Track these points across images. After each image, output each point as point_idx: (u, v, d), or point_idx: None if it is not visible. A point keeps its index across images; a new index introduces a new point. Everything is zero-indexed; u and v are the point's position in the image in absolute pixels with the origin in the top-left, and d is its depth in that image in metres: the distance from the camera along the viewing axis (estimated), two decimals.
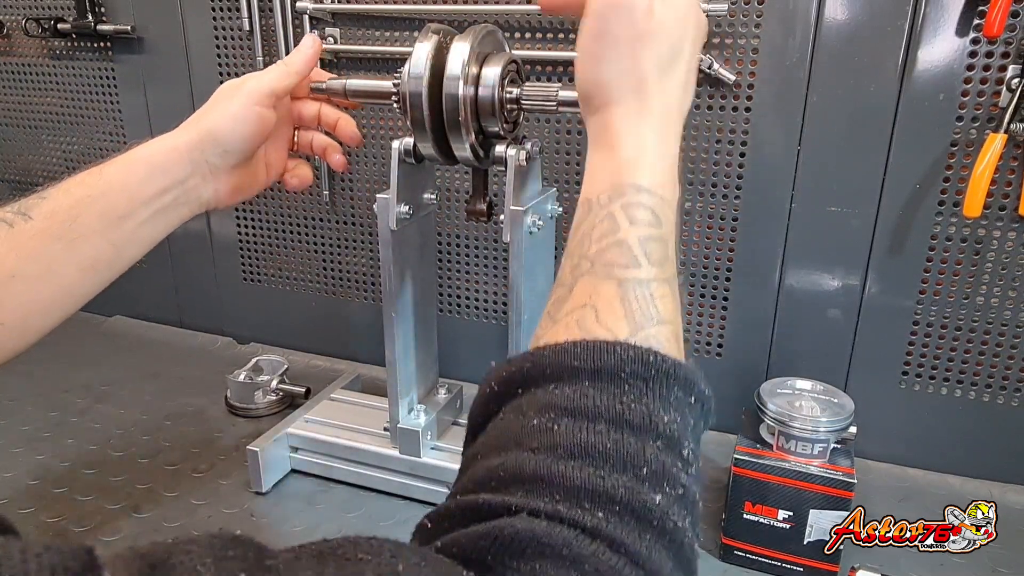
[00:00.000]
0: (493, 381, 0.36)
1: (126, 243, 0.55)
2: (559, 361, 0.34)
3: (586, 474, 0.30)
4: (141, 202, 0.55)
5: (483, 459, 0.33)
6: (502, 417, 0.34)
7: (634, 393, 0.32)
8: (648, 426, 0.31)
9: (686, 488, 0.31)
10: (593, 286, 0.37)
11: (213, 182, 0.59)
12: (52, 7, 1.03)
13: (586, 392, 0.32)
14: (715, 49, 0.75)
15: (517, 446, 0.32)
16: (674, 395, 0.33)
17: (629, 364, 0.33)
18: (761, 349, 0.84)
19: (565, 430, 0.31)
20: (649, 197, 0.40)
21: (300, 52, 0.61)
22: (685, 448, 0.32)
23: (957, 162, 0.72)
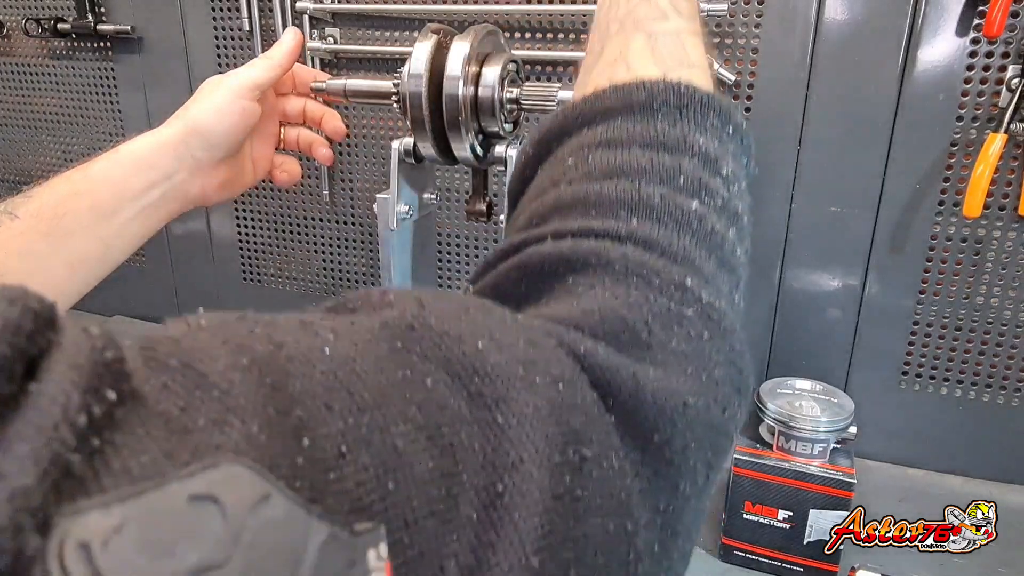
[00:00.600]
0: (527, 145, 0.35)
1: (114, 239, 0.55)
2: (590, 107, 0.33)
3: (621, 187, 0.29)
4: (128, 198, 0.55)
5: (524, 210, 0.32)
6: (540, 173, 0.34)
7: (668, 120, 0.32)
8: (683, 146, 0.31)
9: (726, 200, 0.31)
10: (624, 41, 0.37)
11: (200, 177, 0.59)
12: (52, 7, 1.03)
13: (619, 126, 0.32)
14: (715, 49, 0.75)
15: (554, 185, 0.31)
16: (711, 122, 0.32)
17: (661, 95, 0.32)
18: (761, 349, 0.84)
19: (598, 158, 0.31)
20: None
21: (282, 45, 0.61)
22: (725, 168, 0.32)
23: (957, 162, 0.72)
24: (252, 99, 0.59)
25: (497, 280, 0.29)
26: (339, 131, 0.67)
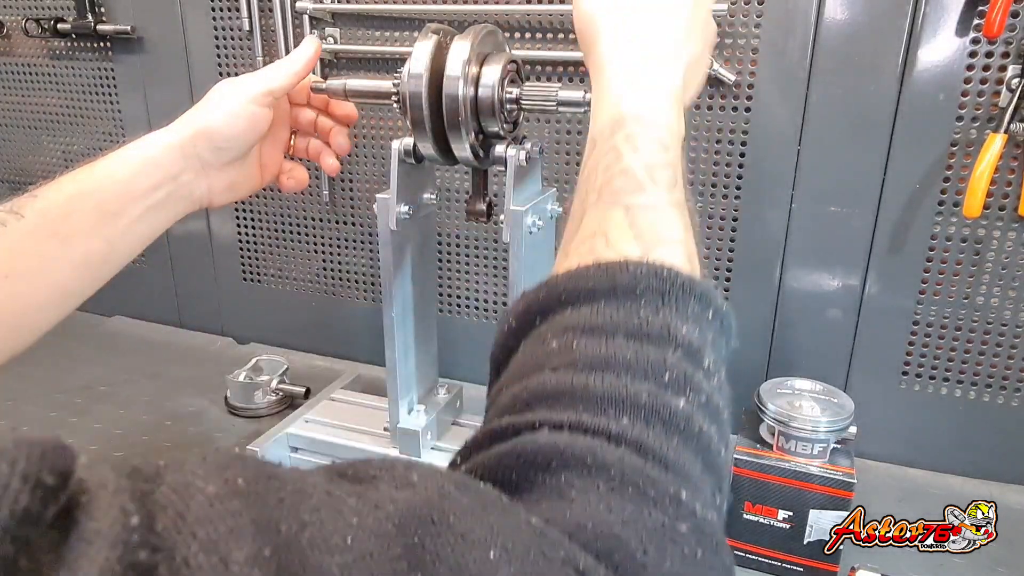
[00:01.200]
0: (511, 317, 0.36)
1: (120, 239, 0.55)
2: (573, 285, 0.33)
3: (608, 383, 0.29)
4: (133, 198, 0.55)
5: (506, 390, 0.33)
6: (522, 350, 0.34)
7: (651, 307, 0.32)
8: (667, 337, 0.31)
9: (709, 396, 0.31)
10: (602, 214, 0.37)
11: (206, 179, 0.59)
12: (52, 7, 1.03)
13: (603, 310, 0.32)
14: (715, 49, 0.75)
15: (538, 369, 0.31)
16: (691, 308, 0.33)
17: (644, 280, 0.32)
18: (761, 349, 0.84)
19: (585, 346, 0.31)
20: (650, 127, 0.40)
21: (300, 53, 0.60)
22: (706, 359, 0.32)
23: (957, 162, 0.72)
24: (265, 105, 0.59)
25: (489, 464, 0.29)
26: (343, 147, 0.68)
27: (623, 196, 0.37)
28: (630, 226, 0.36)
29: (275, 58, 0.92)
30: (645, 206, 0.37)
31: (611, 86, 0.42)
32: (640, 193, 0.37)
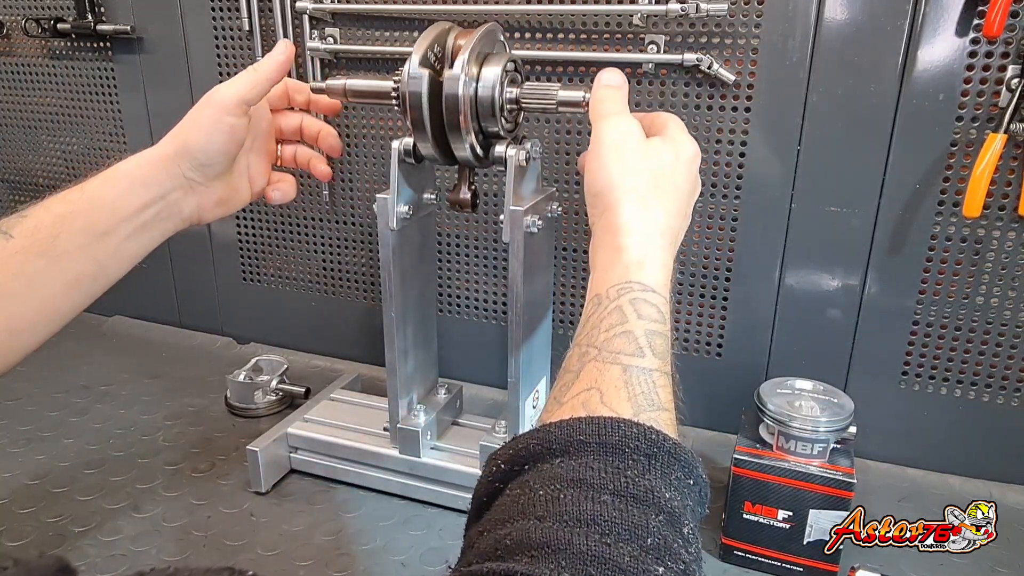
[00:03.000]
0: (500, 459, 0.36)
1: (109, 259, 0.55)
2: (565, 436, 0.34)
3: (592, 541, 0.30)
4: (123, 217, 0.55)
5: (488, 533, 0.33)
6: (508, 493, 0.35)
7: (638, 468, 0.33)
8: (651, 500, 0.32)
9: (687, 565, 0.31)
10: (599, 371, 0.39)
11: (194, 196, 0.59)
12: (52, 7, 1.03)
13: (591, 464, 0.33)
14: (715, 49, 0.75)
15: (523, 516, 0.32)
16: (675, 474, 0.34)
17: (633, 440, 0.33)
18: (761, 349, 0.84)
19: (571, 500, 0.31)
20: (654, 296, 0.43)
21: (271, 58, 0.59)
22: (685, 526, 0.33)
23: (957, 162, 0.72)
24: (240, 115, 0.58)
25: None
26: (335, 148, 0.67)
27: (623, 357, 0.39)
28: (625, 386, 0.38)
29: None
30: (641, 369, 0.39)
31: (625, 252, 0.45)
32: (639, 357, 0.39)
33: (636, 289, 0.43)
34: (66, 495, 0.76)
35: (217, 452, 0.83)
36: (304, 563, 0.67)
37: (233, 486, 0.77)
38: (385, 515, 0.74)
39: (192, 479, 0.79)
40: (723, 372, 0.86)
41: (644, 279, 0.44)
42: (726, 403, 0.85)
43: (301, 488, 0.78)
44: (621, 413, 0.36)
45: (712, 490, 0.77)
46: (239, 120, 0.58)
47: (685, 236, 0.81)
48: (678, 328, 0.86)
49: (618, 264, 0.45)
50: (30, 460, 0.82)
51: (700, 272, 0.84)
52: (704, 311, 0.85)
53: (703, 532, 0.71)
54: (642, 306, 0.42)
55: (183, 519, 0.72)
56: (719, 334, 0.85)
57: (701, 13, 0.72)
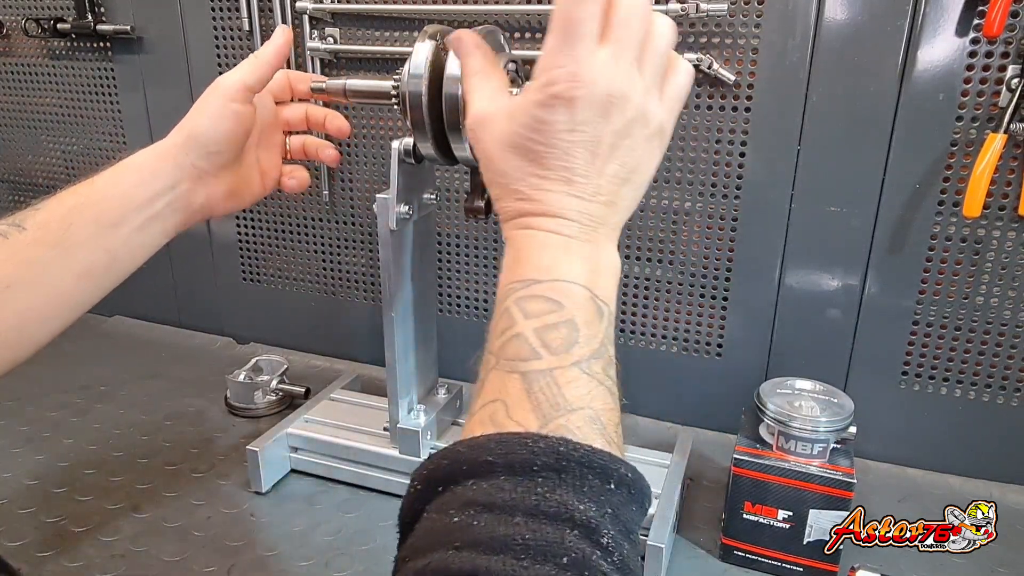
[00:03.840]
0: (416, 481, 0.36)
1: (120, 250, 0.55)
2: (474, 457, 0.34)
3: (509, 566, 0.29)
4: (133, 208, 0.55)
5: (410, 561, 0.32)
6: (427, 517, 0.34)
7: (548, 485, 0.32)
8: (564, 515, 0.31)
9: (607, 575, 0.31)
10: (500, 380, 0.37)
11: (204, 187, 0.59)
12: (52, 7, 1.03)
13: (502, 486, 0.32)
14: (715, 49, 0.75)
15: (441, 545, 0.31)
16: (588, 484, 0.33)
17: (541, 456, 0.33)
18: (761, 349, 0.84)
19: (485, 525, 0.31)
20: (539, 286, 0.39)
21: (270, 43, 0.60)
22: (604, 537, 0.32)
23: (957, 162, 0.72)
24: (245, 102, 0.58)
25: None
26: (343, 129, 0.67)
27: (519, 364, 0.37)
28: (527, 395, 0.36)
29: None
30: (540, 372, 0.36)
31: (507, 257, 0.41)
32: (535, 360, 0.37)
33: (518, 287, 0.39)
34: (66, 495, 0.76)
35: (217, 452, 0.83)
36: (304, 563, 0.67)
37: (233, 486, 0.77)
38: (385, 515, 0.74)
39: (192, 479, 0.79)
40: (723, 372, 0.86)
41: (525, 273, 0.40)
42: (726, 403, 0.85)
43: (301, 488, 0.78)
44: (528, 426, 0.35)
45: (712, 490, 0.78)
46: (244, 107, 0.58)
47: (685, 238, 0.82)
48: (678, 328, 0.86)
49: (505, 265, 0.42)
50: (30, 460, 0.82)
51: (700, 272, 0.84)
52: (704, 311, 0.85)
53: (703, 531, 0.71)
54: (527, 303, 0.39)
55: (183, 519, 0.72)
56: (719, 334, 0.85)
57: (701, 13, 0.72)
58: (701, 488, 0.78)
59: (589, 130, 0.40)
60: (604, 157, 0.41)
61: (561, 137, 0.40)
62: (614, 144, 0.41)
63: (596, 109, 0.39)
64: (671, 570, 0.67)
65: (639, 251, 0.85)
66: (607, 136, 0.40)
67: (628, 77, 0.40)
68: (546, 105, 0.39)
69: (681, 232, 0.83)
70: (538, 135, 0.40)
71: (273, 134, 0.66)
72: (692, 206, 0.82)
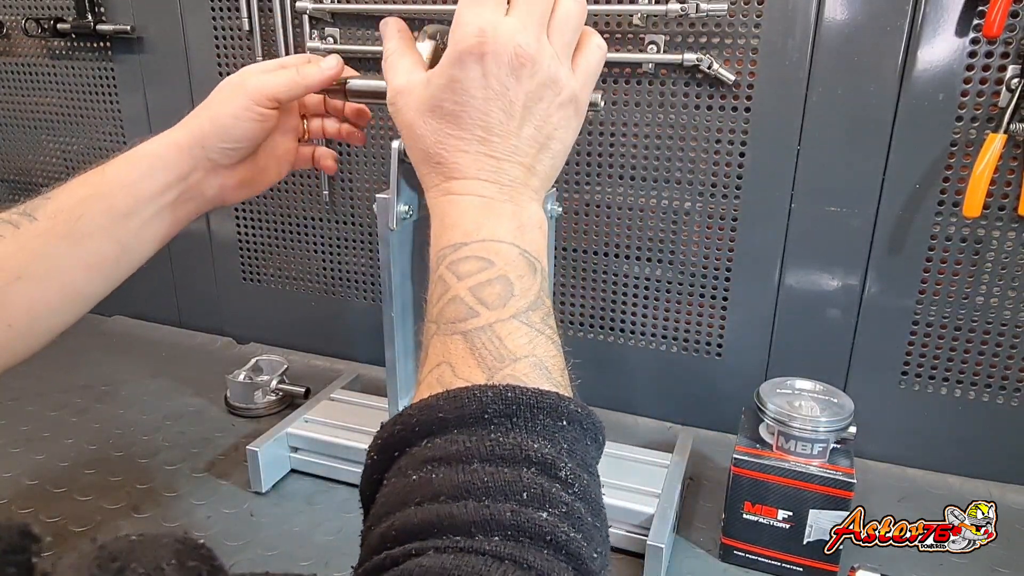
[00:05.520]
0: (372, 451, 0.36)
1: (132, 241, 0.55)
2: (425, 417, 0.34)
3: (471, 508, 0.30)
4: (144, 199, 0.55)
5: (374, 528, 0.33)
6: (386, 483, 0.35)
7: (501, 430, 0.33)
8: (519, 456, 0.32)
9: (569, 506, 0.32)
10: (443, 344, 0.38)
11: (217, 178, 0.59)
12: (52, 7, 1.03)
13: (455, 439, 0.33)
14: (715, 49, 0.75)
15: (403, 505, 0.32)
16: (540, 424, 0.34)
17: (491, 404, 0.34)
18: (761, 349, 0.84)
19: (442, 477, 0.32)
20: (468, 247, 0.40)
21: (320, 69, 0.58)
22: (562, 471, 0.33)
23: (957, 162, 0.72)
24: (270, 107, 0.57)
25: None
26: (364, 113, 0.66)
27: (458, 324, 0.38)
28: (471, 352, 0.37)
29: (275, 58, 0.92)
30: (480, 329, 0.38)
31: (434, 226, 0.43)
32: (473, 318, 0.38)
33: (447, 253, 0.41)
34: (66, 495, 0.76)
35: (217, 452, 0.83)
36: (304, 563, 0.67)
37: (233, 486, 0.77)
38: None
39: (192, 479, 0.79)
40: (723, 372, 0.86)
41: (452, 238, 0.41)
42: (726, 403, 0.85)
43: (301, 488, 0.78)
44: (475, 380, 0.36)
45: (712, 490, 0.77)
46: (269, 112, 0.57)
47: (685, 238, 0.82)
48: (678, 328, 0.86)
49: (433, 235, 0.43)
50: (30, 460, 0.82)
51: (700, 272, 0.84)
52: (704, 311, 0.85)
53: (703, 531, 0.71)
54: (459, 265, 0.40)
55: (183, 519, 0.72)
56: (719, 334, 0.85)
57: (701, 13, 0.72)
58: (701, 488, 0.78)
59: (500, 87, 0.41)
60: (519, 117, 0.42)
61: (474, 93, 0.41)
62: (527, 106, 0.42)
63: (505, 67, 0.41)
64: (671, 570, 0.67)
65: (639, 251, 0.85)
66: (519, 96, 0.41)
67: (537, 41, 0.42)
68: (458, 62, 0.41)
69: (681, 232, 0.83)
70: (452, 93, 0.42)
71: (289, 119, 0.64)
72: (692, 206, 0.82)
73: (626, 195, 0.83)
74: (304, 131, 0.66)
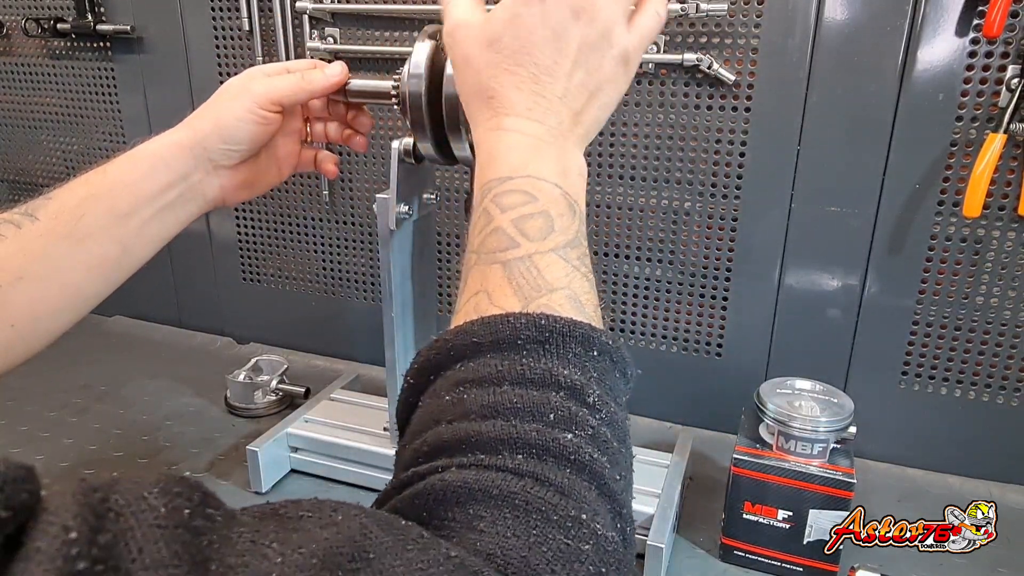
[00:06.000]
0: (408, 376, 0.38)
1: (133, 241, 0.55)
2: (460, 341, 0.36)
3: (498, 427, 0.32)
4: (145, 199, 0.55)
5: (408, 446, 0.35)
6: (421, 406, 0.36)
7: (532, 356, 0.34)
8: (549, 380, 0.34)
9: (595, 429, 0.33)
10: (482, 273, 0.39)
11: (218, 178, 0.59)
12: (52, 7, 1.03)
13: (488, 362, 0.34)
14: (715, 49, 0.75)
15: (435, 423, 0.34)
16: (572, 352, 0.35)
17: (524, 331, 0.35)
18: (761, 349, 0.84)
19: (473, 397, 0.33)
20: (515, 181, 0.41)
21: (325, 76, 0.59)
22: (590, 396, 0.34)
23: (957, 162, 0.72)
24: (274, 111, 0.58)
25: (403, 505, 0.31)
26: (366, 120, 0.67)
27: (498, 254, 0.39)
28: (508, 281, 0.38)
29: (275, 58, 0.92)
30: (519, 259, 0.39)
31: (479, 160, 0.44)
32: (513, 248, 0.39)
33: (493, 186, 0.42)
34: None
35: (217, 452, 0.83)
36: None
37: (233, 486, 0.77)
38: None
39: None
40: (723, 372, 0.86)
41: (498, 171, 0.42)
42: (726, 403, 0.85)
43: (301, 488, 0.78)
44: (510, 308, 0.37)
45: (712, 490, 0.77)
46: (273, 115, 0.58)
47: (685, 235, 0.82)
48: (678, 328, 0.86)
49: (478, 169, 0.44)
50: (30, 459, 0.81)
51: (700, 272, 0.84)
52: (704, 311, 0.85)
53: (703, 531, 0.71)
54: (503, 198, 0.41)
55: None
56: (719, 334, 0.85)
57: (701, 13, 0.72)
58: (701, 488, 0.78)
59: (559, 28, 0.42)
60: (571, 61, 0.43)
61: (533, 30, 0.42)
62: (580, 51, 0.43)
63: (566, 10, 0.42)
64: (671, 570, 0.67)
65: (639, 251, 0.85)
66: (574, 39, 0.42)
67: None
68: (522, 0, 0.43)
69: (681, 232, 0.83)
70: (512, 27, 0.43)
71: (292, 121, 0.64)
72: (692, 206, 0.81)
73: (626, 195, 0.83)
74: (307, 134, 0.66)
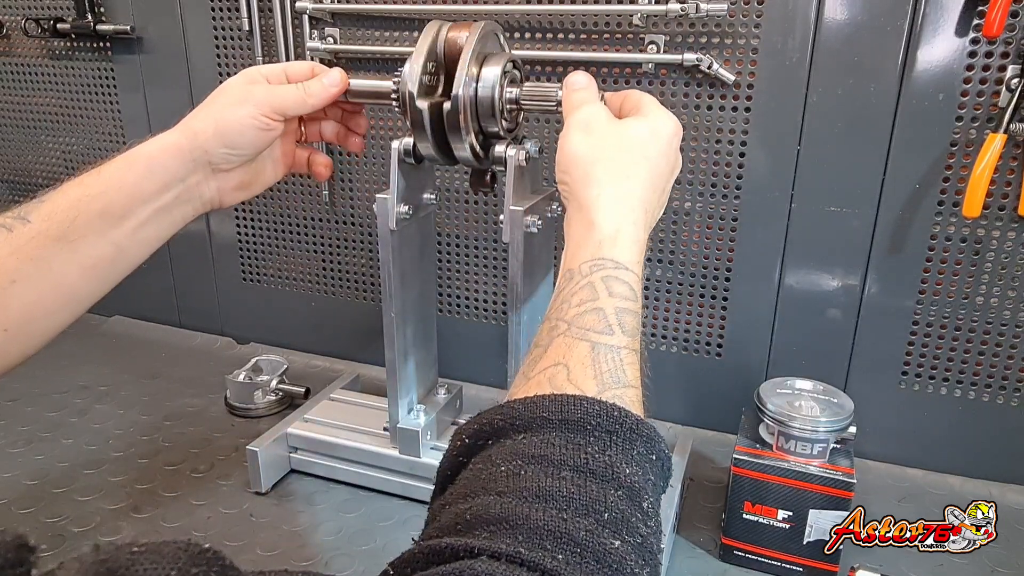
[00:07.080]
0: (464, 434, 0.37)
1: (127, 243, 0.55)
2: (528, 413, 0.35)
3: (549, 516, 0.30)
4: (140, 200, 0.55)
5: (450, 507, 0.33)
6: (471, 468, 0.35)
7: (599, 444, 0.33)
8: (610, 476, 0.33)
9: (644, 539, 0.32)
10: (568, 346, 0.39)
11: (215, 180, 0.59)
12: (52, 7, 1.03)
13: (552, 441, 0.33)
14: (715, 49, 0.75)
15: (484, 491, 0.32)
16: (637, 450, 0.34)
17: (595, 417, 0.34)
18: (761, 349, 0.84)
19: (531, 475, 0.32)
20: (627, 273, 0.43)
21: (324, 87, 0.60)
22: (645, 501, 0.33)
23: (957, 162, 0.72)
24: (275, 119, 0.58)
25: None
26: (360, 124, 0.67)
27: (592, 334, 0.39)
28: (592, 363, 0.38)
29: (275, 58, 0.92)
30: (610, 347, 0.39)
31: (597, 228, 0.45)
32: (608, 334, 0.39)
33: (608, 266, 0.43)
34: (66, 495, 0.76)
35: (217, 452, 0.83)
36: (304, 563, 0.67)
37: (233, 486, 0.77)
38: (385, 515, 0.74)
39: (192, 479, 0.79)
40: (723, 372, 0.86)
41: (617, 256, 0.43)
42: (726, 403, 0.85)
43: (301, 488, 0.78)
44: (586, 390, 0.36)
45: (712, 490, 0.77)
46: (274, 123, 0.58)
47: (685, 238, 0.82)
48: (678, 328, 0.86)
49: (591, 239, 0.45)
50: (30, 460, 0.82)
51: (700, 272, 0.84)
52: (704, 311, 0.85)
53: (703, 531, 0.71)
54: (614, 283, 0.42)
55: (183, 519, 0.72)
56: (719, 334, 0.85)
57: (701, 13, 0.72)
58: (701, 488, 0.78)
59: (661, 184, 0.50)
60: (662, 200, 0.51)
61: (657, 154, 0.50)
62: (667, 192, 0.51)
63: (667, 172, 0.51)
64: (671, 570, 0.67)
65: None
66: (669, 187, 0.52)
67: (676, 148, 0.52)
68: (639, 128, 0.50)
69: (681, 232, 0.83)
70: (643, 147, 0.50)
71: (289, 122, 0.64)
72: (692, 206, 0.81)
73: None
74: (302, 134, 0.66)
